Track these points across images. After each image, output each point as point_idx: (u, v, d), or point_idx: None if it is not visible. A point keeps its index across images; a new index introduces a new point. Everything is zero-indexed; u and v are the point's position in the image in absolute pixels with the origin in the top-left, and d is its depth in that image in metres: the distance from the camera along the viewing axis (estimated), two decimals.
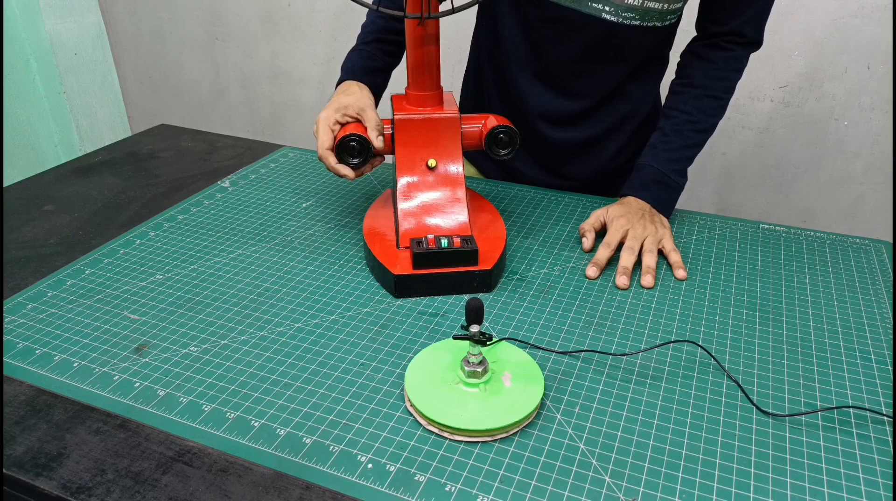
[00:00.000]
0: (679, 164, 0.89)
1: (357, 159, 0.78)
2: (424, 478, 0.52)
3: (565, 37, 0.88)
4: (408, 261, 0.74)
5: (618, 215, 0.83)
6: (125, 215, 0.94)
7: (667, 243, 0.81)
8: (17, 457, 0.54)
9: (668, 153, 0.88)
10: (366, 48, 0.93)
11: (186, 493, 0.51)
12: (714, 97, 0.90)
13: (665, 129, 0.90)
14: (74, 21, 2.02)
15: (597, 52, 0.88)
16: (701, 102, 0.89)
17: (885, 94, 1.42)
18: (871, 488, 0.52)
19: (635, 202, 0.86)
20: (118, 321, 0.70)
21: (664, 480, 0.52)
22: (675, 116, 0.90)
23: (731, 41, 0.89)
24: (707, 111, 0.89)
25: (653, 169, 0.88)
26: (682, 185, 0.89)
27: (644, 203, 0.86)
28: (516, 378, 0.60)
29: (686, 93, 0.90)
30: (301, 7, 1.87)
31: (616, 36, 0.86)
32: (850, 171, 1.51)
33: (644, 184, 0.88)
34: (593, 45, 0.87)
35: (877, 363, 0.65)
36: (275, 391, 0.61)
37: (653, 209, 0.86)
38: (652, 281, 0.76)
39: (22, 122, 2.03)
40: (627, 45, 0.88)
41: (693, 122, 0.89)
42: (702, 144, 0.90)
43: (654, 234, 0.82)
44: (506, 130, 0.79)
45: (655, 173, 0.88)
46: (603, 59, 0.89)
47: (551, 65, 0.91)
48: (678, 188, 0.89)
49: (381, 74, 0.94)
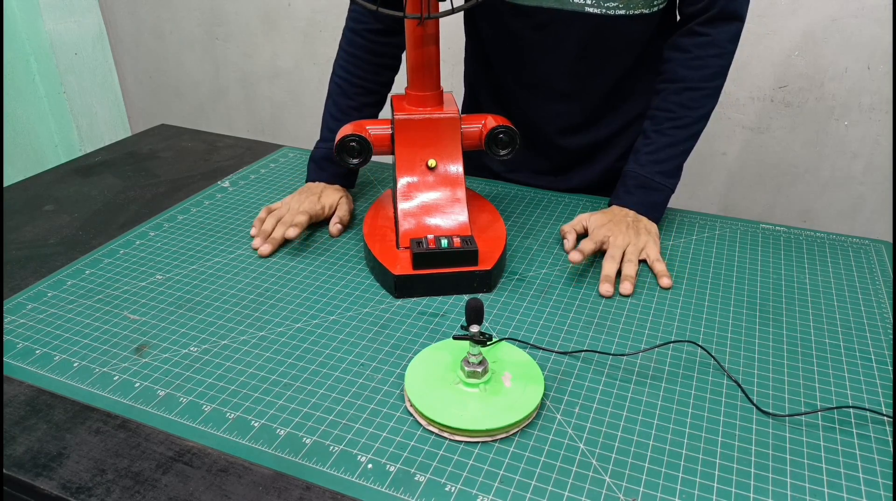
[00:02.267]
0: (664, 165, 0.86)
1: (357, 159, 0.78)
2: (424, 478, 0.52)
3: (555, 40, 0.86)
4: (408, 261, 0.74)
5: (599, 224, 0.82)
6: (125, 215, 0.94)
7: (651, 252, 0.80)
8: (17, 457, 0.54)
9: (649, 156, 0.86)
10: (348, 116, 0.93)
11: (186, 493, 0.51)
12: (694, 89, 0.85)
13: (647, 131, 0.88)
14: (74, 21, 2.02)
15: (589, 51, 0.87)
16: (681, 97, 0.85)
17: (885, 94, 1.42)
18: (871, 488, 0.52)
19: (619, 211, 0.85)
20: (118, 322, 0.70)
21: (664, 480, 0.52)
22: (655, 116, 0.87)
23: (708, 22, 0.84)
24: (688, 105, 0.85)
25: (635, 174, 0.86)
26: (669, 186, 0.87)
27: (628, 211, 0.85)
28: (516, 378, 0.60)
29: (665, 89, 0.87)
30: (301, 7, 1.87)
31: (604, 30, 0.84)
32: (850, 171, 1.51)
33: (627, 190, 0.86)
34: (584, 45, 0.86)
35: (877, 363, 0.65)
36: (275, 391, 0.61)
37: (638, 216, 0.85)
38: (630, 288, 0.75)
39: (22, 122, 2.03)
40: (619, 39, 0.86)
41: (674, 118, 0.86)
42: (691, 140, 0.87)
43: (636, 243, 0.80)
44: (506, 130, 0.79)
45: (638, 178, 0.86)
46: (597, 57, 0.88)
47: (546, 73, 0.90)
48: (665, 190, 0.86)
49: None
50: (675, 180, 0.87)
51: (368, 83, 0.93)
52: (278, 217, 0.86)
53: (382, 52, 0.92)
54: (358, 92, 0.93)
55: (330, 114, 0.95)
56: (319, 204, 0.88)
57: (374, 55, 0.92)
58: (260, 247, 0.82)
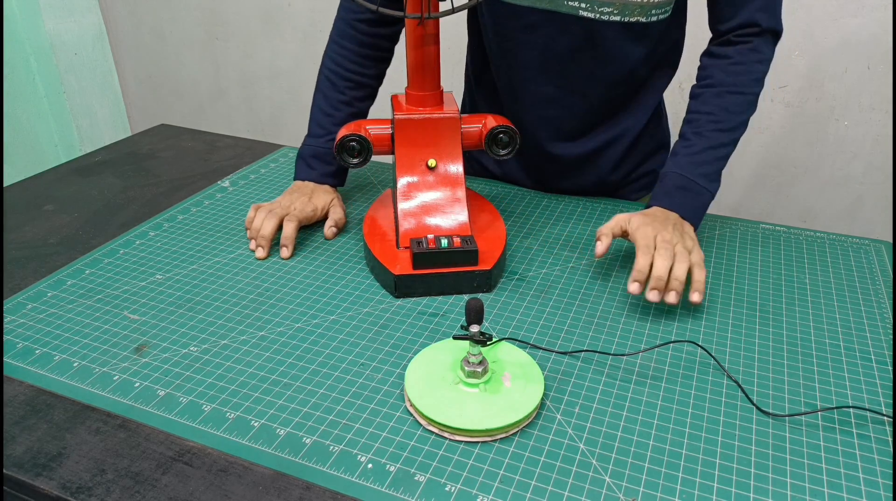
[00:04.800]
0: (705, 167, 0.82)
1: (357, 159, 0.78)
2: (424, 478, 0.52)
3: (546, 43, 0.84)
4: (408, 261, 0.74)
5: (643, 223, 0.76)
6: (125, 215, 0.94)
7: (695, 256, 0.73)
8: (17, 457, 0.54)
9: (689, 157, 0.82)
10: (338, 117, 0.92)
11: (186, 493, 0.51)
12: (737, 93, 0.82)
13: (686, 134, 0.84)
14: (74, 21, 2.02)
15: (581, 56, 0.84)
16: (722, 100, 0.82)
17: (885, 94, 1.42)
18: (871, 488, 0.52)
19: (661, 212, 0.79)
20: (118, 321, 0.70)
21: (664, 480, 0.52)
22: (695, 119, 0.84)
23: (746, 34, 0.83)
24: (730, 108, 0.82)
25: (675, 174, 0.81)
26: (711, 190, 0.82)
27: (670, 212, 0.79)
28: (516, 378, 0.60)
29: (705, 93, 0.84)
30: (301, 7, 1.87)
31: (597, 36, 0.82)
32: (850, 171, 1.51)
33: (667, 191, 0.81)
34: (576, 49, 0.84)
35: (877, 363, 0.65)
36: (275, 391, 0.61)
37: (680, 218, 0.79)
38: (676, 300, 0.70)
39: (22, 122, 2.03)
40: (612, 47, 0.84)
41: (716, 121, 0.82)
42: (731, 145, 0.83)
43: (683, 242, 0.74)
44: (506, 130, 0.79)
45: (678, 179, 0.81)
46: (588, 64, 0.85)
47: (537, 76, 0.88)
48: (706, 194, 0.81)
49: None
50: (716, 185, 0.83)
51: (359, 76, 0.91)
52: (268, 211, 0.84)
53: (375, 44, 0.91)
54: (348, 86, 0.91)
55: (319, 108, 0.93)
56: (311, 205, 0.87)
57: (365, 47, 0.90)
58: (255, 252, 0.82)
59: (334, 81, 0.91)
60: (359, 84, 0.92)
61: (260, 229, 0.83)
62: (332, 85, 0.92)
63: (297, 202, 0.87)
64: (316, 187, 0.90)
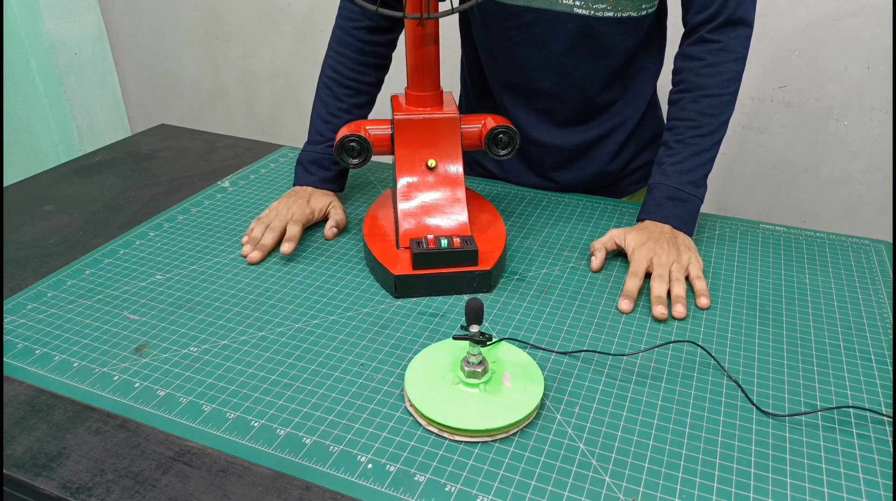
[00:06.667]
0: (691, 174, 0.83)
1: (357, 159, 0.78)
2: (424, 478, 0.52)
3: (542, 40, 0.85)
4: (408, 261, 0.74)
5: (639, 244, 0.78)
6: (125, 215, 0.94)
7: (693, 269, 0.76)
8: (17, 457, 0.54)
9: (675, 166, 0.84)
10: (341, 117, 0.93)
11: (186, 493, 0.51)
12: (712, 95, 0.84)
13: (668, 142, 0.86)
14: (74, 21, 2.02)
15: (576, 52, 0.86)
16: (699, 104, 0.84)
17: (885, 94, 1.42)
18: (871, 488, 0.52)
19: (654, 226, 0.81)
20: (118, 322, 0.70)
21: (664, 480, 0.52)
22: (675, 127, 0.85)
23: (717, 29, 0.83)
24: (708, 112, 0.84)
25: (663, 186, 0.83)
26: (699, 196, 0.84)
27: (663, 226, 0.82)
28: (516, 378, 0.60)
29: (682, 99, 0.85)
30: (301, 7, 1.87)
31: (592, 32, 0.84)
32: (850, 171, 1.51)
33: (657, 204, 0.83)
34: (571, 45, 0.85)
35: (877, 363, 0.65)
36: (275, 391, 0.61)
37: (674, 230, 0.81)
38: (683, 310, 0.72)
39: (22, 122, 2.03)
40: (605, 41, 0.85)
41: (696, 127, 0.84)
42: (714, 147, 0.85)
43: (679, 260, 0.77)
44: (505, 130, 0.79)
45: (667, 190, 0.83)
46: (583, 59, 0.87)
47: (533, 73, 0.89)
48: (695, 201, 0.84)
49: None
50: (703, 190, 0.85)
51: (357, 83, 0.92)
52: (267, 224, 0.85)
53: (373, 52, 0.92)
54: (347, 93, 0.92)
55: (318, 115, 0.94)
56: (309, 208, 0.88)
57: (363, 54, 0.91)
58: (249, 254, 0.81)
59: (333, 89, 0.93)
60: (357, 91, 0.93)
61: (260, 239, 0.83)
62: (330, 92, 0.93)
63: (295, 207, 0.87)
64: (314, 191, 0.91)
